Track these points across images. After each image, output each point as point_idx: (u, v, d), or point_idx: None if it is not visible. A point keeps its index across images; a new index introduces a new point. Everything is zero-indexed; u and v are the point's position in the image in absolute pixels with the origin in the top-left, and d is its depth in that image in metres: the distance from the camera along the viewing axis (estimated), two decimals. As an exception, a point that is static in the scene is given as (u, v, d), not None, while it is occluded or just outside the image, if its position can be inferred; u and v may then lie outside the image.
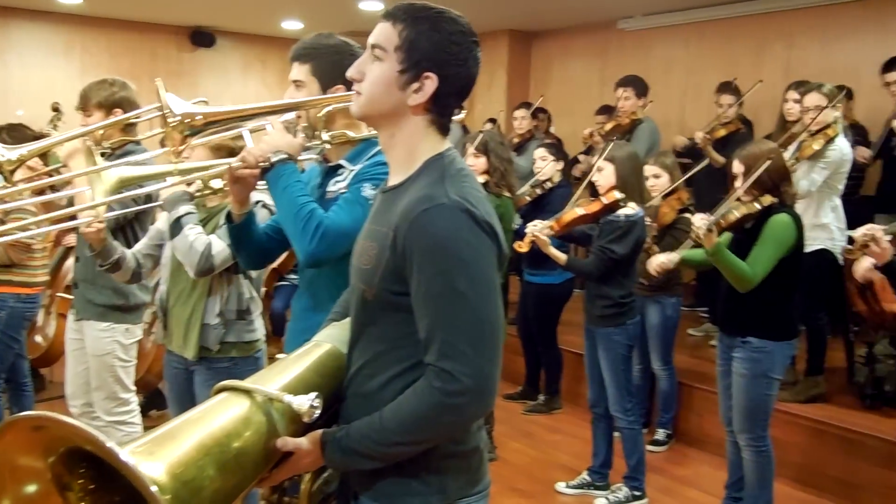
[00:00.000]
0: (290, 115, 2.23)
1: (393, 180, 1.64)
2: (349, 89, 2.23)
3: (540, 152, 5.27)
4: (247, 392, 1.47)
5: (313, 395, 1.46)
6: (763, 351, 3.39)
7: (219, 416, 1.42)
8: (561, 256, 3.96)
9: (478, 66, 1.60)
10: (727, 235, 3.53)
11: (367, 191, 2.12)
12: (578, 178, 6.47)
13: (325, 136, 2.23)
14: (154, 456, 1.25)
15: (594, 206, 3.94)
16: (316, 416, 1.47)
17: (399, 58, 1.54)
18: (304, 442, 1.52)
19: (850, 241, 2.94)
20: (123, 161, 2.78)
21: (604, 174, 3.94)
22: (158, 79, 2.15)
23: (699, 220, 3.33)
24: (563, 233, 4.10)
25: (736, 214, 3.41)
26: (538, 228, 3.98)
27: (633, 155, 4.07)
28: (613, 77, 6.39)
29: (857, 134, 5.41)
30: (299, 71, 2.29)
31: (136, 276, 3.10)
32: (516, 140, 6.65)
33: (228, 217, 2.29)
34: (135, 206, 3.09)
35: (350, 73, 1.62)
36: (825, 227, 4.46)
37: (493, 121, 7.90)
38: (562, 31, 9.05)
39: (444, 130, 1.62)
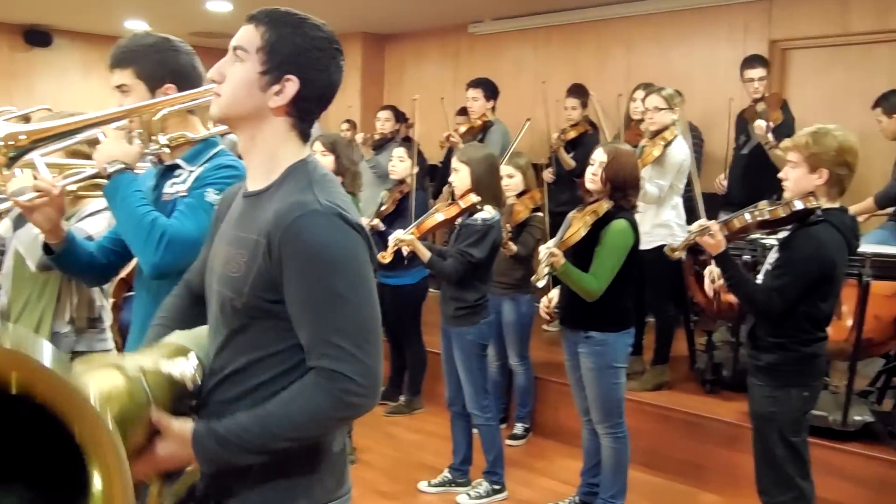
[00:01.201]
0: (124, 122, 2.14)
1: (254, 185, 1.62)
2: (180, 88, 2.18)
3: (399, 151, 5.28)
4: (117, 367, 1.39)
5: (191, 354, 1.39)
6: (605, 343, 3.55)
7: (101, 383, 1.33)
8: (426, 253, 3.99)
9: (340, 75, 1.62)
10: None
11: (211, 196, 2.06)
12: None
13: (163, 139, 2.14)
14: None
15: (452, 211, 3.99)
16: (199, 382, 1.40)
17: (261, 59, 1.54)
18: (175, 424, 1.46)
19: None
20: None
21: (459, 176, 3.99)
22: None
23: (542, 252, 3.44)
24: (424, 237, 4.14)
25: (582, 233, 3.50)
26: (400, 235, 3.99)
27: (489, 157, 4.11)
28: (466, 79, 6.51)
29: (693, 136, 5.72)
30: (122, 75, 2.19)
31: None
32: (377, 136, 6.65)
33: (47, 248, 2.16)
34: None
35: (211, 74, 1.60)
36: (666, 225, 4.68)
37: (352, 123, 7.89)
38: (414, 34, 9.13)
39: (304, 137, 1.62)
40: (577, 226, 3.53)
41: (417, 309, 5.29)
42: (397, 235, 4.00)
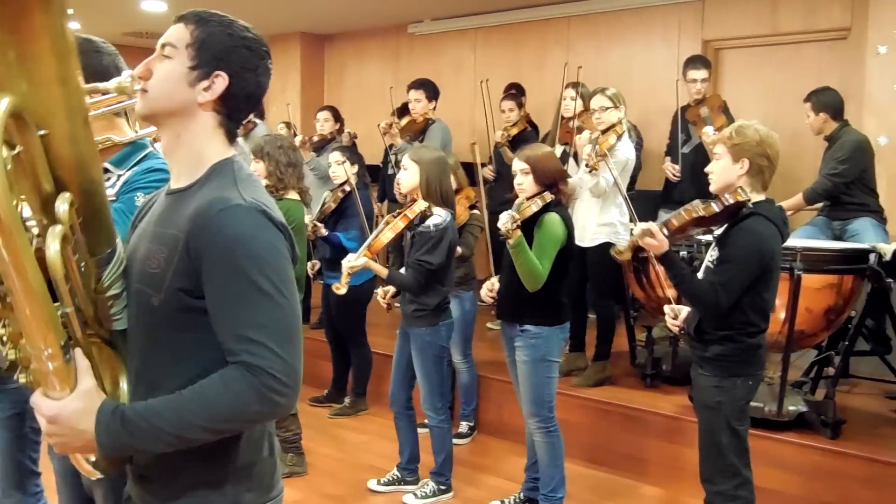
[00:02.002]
0: None
1: (178, 183, 1.60)
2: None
3: (335, 156, 5.25)
4: None
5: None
6: (540, 337, 3.61)
7: None
8: (382, 271, 3.96)
9: (268, 78, 1.63)
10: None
11: (141, 200, 2.01)
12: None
13: None
14: None
15: (400, 225, 3.92)
16: None
17: (190, 55, 1.54)
18: (88, 381, 1.42)
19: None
20: None
21: (408, 175, 3.95)
22: None
23: (504, 217, 3.48)
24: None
25: (533, 209, 3.59)
26: (351, 262, 3.91)
27: (441, 159, 4.06)
28: (407, 80, 6.52)
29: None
30: None
31: None
32: (317, 138, 6.61)
33: None
34: None
35: (137, 71, 1.58)
36: (610, 224, 4.72)
37: (288, 125, 7.81)
38: (354, 35, 9.10)
39: (231, 136, 1.62)
40: (535, 205, 3.60)
41: (363, 310, 5.26)
42: (349, 262, 3.90)
